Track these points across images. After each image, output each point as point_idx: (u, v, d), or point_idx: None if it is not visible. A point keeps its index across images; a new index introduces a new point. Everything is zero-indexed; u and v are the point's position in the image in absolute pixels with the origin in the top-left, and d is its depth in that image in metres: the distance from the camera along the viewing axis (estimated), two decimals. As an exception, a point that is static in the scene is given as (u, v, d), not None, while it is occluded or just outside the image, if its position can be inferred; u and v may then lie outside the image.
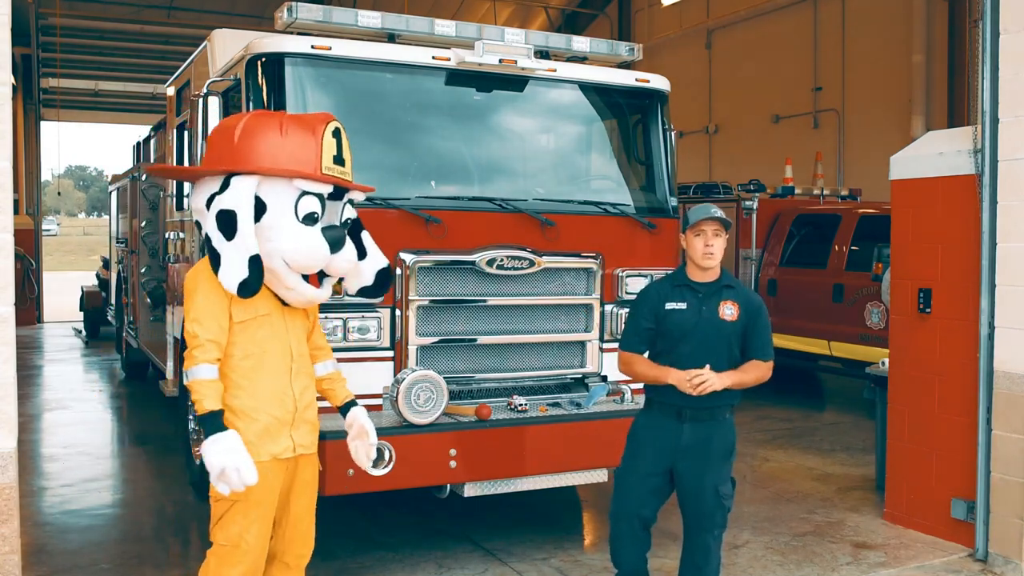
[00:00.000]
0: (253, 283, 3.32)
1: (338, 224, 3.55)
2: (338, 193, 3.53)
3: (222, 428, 3.30)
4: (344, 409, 3.77)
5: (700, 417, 4.15)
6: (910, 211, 6.06)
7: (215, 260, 3.34)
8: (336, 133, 3.52)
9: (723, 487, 4.19)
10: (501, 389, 5.54)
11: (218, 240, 3.34)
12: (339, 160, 3.52)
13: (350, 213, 3.62)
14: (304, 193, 3.43)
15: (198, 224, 3.54)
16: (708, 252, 4.11)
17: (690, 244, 4.19)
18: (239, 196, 3.34)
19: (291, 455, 3.51)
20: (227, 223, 3.33)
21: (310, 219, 3.44)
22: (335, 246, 3.48)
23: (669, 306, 4.18)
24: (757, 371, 4.14)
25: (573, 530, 6.22)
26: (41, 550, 5.51)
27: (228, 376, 3.42)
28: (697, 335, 4.11)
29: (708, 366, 4.03)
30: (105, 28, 19.92)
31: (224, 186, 3.37)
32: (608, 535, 4.59)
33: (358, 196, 3.69)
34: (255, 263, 3.32)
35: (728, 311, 4.12)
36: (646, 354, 4.26)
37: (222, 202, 3.34)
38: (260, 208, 3.37)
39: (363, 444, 3.73)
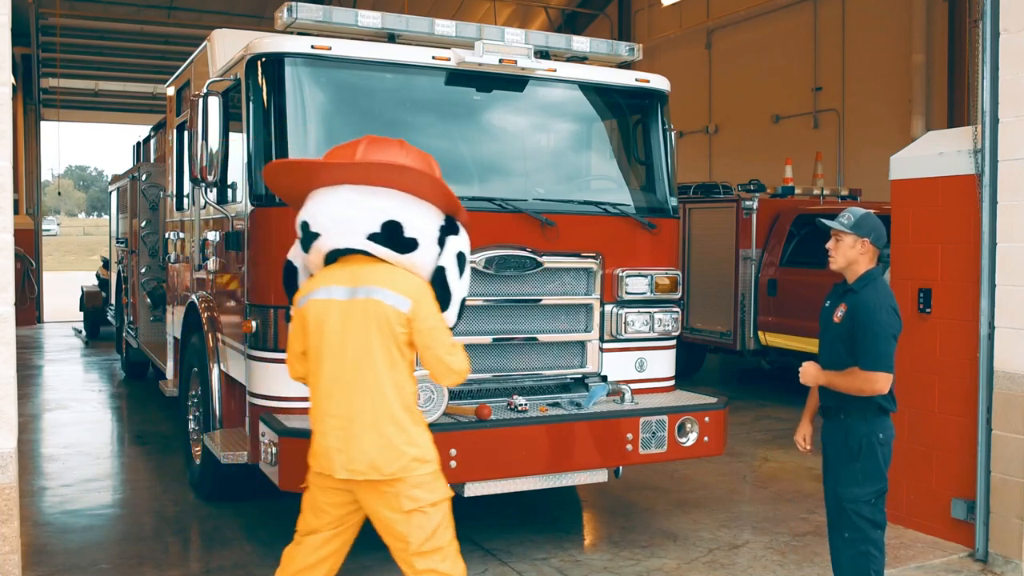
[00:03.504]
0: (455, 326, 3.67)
1: None
2: None
3: None
4: None
5: (826, 414, 4.30)
6: (910, 211, 6.06)
7: (446, 293, 3.57)
8: None
9: (843, 490, 4.15)
10: (501, 389, 5.54)
11: (453, 276, 3.59)
12: None
13: None
14: None
15: (403, 235, 3.49)
16: (830, 256, 4.25)
17: None
18: (468, 244, 3.71)
19: None
20: (462, 265, 3.64)
21: None
22: None
23: (826, 304, 4.37)
24: (850, 378, 4.05)
25: (573, 530, 6.21)
26: (41, 550, 5.51)
27: (413, 387, 3.54)
28: (821, 332, 4.34)
29: (812, 362, 4.25)
30: (105, 28, 19.91)
31: (454, 228, 3.65)
32: (608, 535, 4.59)
33: None
34: (464, 307, 3.71)
35: (839, 313, 4.18)
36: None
37: (461, 245, 3.65)
38: None
39: None
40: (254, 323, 5.24)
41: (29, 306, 19.22)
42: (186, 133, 6.68)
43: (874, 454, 4.14)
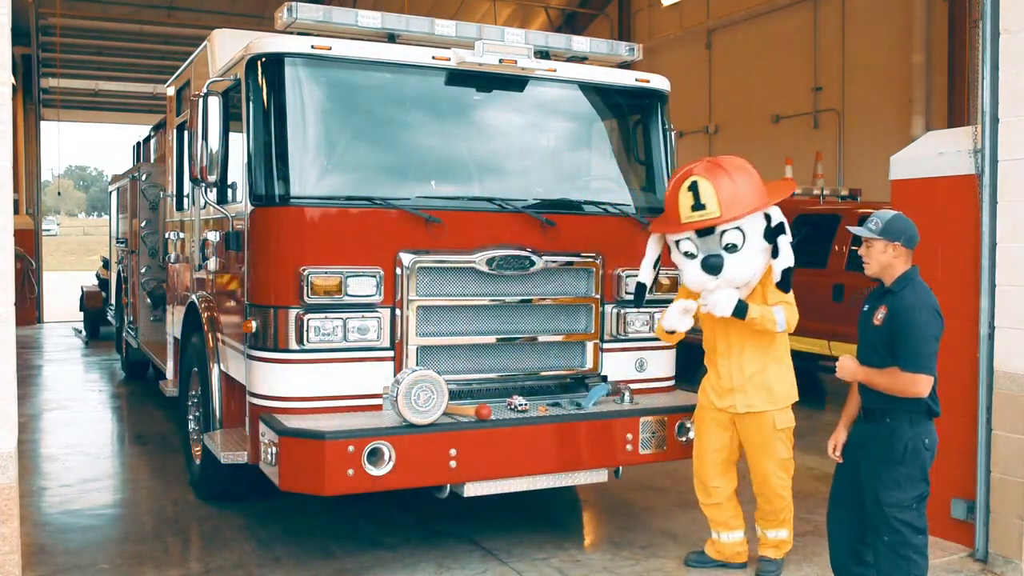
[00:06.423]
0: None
1: (718, 252, 4.84)
2: (709, 229, 4.80)
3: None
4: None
5: (869, 417, 4.25)
6: (910, 211, 6.03)
7: None
8: (693, 186, 4.78)
9: (884, 493, 4.11)
10: (501, 389, 5.53)
11: None
12: (698, 207, 4.77)
13: (732, 238, 4.87)
14: (677, 240, 4.98)
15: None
16: (864, 263, 4.30)
17: None
18: None
19: (734, 411, 5.12)
20: None
21: (689, 256, 4.97)
22: (713, 270, 4.84)
23: (864, 308, 4.37)
24: (890, 378, 4.06)
25: (573, 530, 6.22)
26: (41, 550, 5.51)
27: None
28: (860, 335, 4.36)
29: (850, 356, 4.30)
30: (105, 28, 19.90)
31: None
32: (608, 535, 4.59)
33: (730, 226, 4.83)
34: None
35: (879, 316, 4.19)
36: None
37: None
38: None
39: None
40: (254, 323, 5.24)
41: (29, 306, 19.22)
42: (186, 133, 6.67)
43: (918, 458, 4.12)
